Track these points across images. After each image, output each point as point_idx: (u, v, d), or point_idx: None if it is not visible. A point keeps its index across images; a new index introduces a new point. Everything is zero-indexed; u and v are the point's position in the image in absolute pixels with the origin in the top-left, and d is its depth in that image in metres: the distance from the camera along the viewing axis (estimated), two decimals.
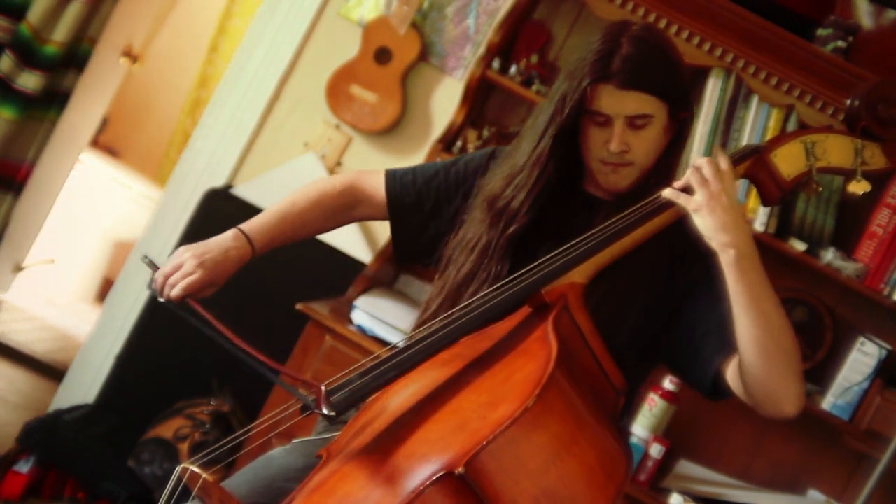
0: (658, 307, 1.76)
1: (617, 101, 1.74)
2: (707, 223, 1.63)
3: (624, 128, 1.75)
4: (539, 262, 1.68)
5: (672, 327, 1.78)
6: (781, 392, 1.65)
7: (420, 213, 1.94)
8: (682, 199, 1.66)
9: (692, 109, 1.84)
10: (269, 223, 1.89)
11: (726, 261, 1.62)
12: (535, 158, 1.80)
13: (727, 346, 1.69)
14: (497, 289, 1.68)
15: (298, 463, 1.78)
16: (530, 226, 1.80)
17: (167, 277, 1.81)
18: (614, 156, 1.76)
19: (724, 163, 1.66)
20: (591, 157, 1.80)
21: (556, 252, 1.69)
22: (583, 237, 1.70)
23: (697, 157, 1.69)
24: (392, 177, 1.98)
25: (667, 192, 1.67)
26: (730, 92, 2.95)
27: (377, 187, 1.97)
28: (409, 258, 2.05)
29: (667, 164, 1.83)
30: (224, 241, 1.84)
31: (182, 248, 1.82)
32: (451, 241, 1.87)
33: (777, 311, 1.65)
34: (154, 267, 1.84)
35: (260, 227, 1.88)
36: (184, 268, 1.80)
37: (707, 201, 1.63)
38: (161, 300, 1.80)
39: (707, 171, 1.64)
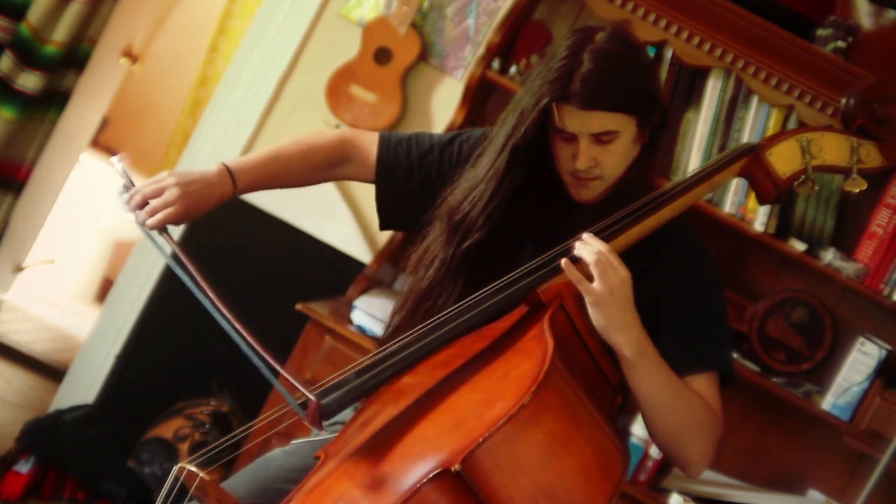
0: (643, 307, 1.75)
1: (579, 121, 1.70)
2: (604, 321, 1.61)
3: (589, 144, 1.72)
4: (533, 261, 1.68)
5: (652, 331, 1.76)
6: (679, 459, 1.74)
7: (408, 186, 1.92)
8: (583, 287, 1.60)
9: (664, 112, 1.79)
10: (255, 165, 1.86)
11: (622, 356, 1.64)
12: (493, 173, 1.78)
13: (683, 365, 1.71)
14: (493, 287, 1.68)
15: (297, 464, 1.78)
16: (493, 237, 1.78)
17: (145, 198, 1.74)
18: (582, 171, 1.74)
19: (613, 255, 1.62)
20: (561, 169, 1.78)
21: (550, 252, 1.69)
22: (575, 238, 1.70)
23: (590, 240, 1.63)
24: (386, 142, 1.95)
25: (567, 270, 1.61)
26: (730, 92, 2.95)
27: (369, 149, 1.95)
28: (391, 227, 2.02)
29: (643, 168, 1.79)
30: (209, 175, 1.79)
31: (166, 173, 1.77)
32: (415, 250, 1.86)
33: (674, 396, 1.68)
34: (129, 180, 1.76)
35: (245, 167, 1.84)
36: (165, 195, 1.73)
37: (607, 296, 1.59)
38: (135, 221, 1.74)
39: (606, 258, 1.60)
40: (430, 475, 1.38)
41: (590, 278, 1.60)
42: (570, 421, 1.48)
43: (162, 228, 1.73)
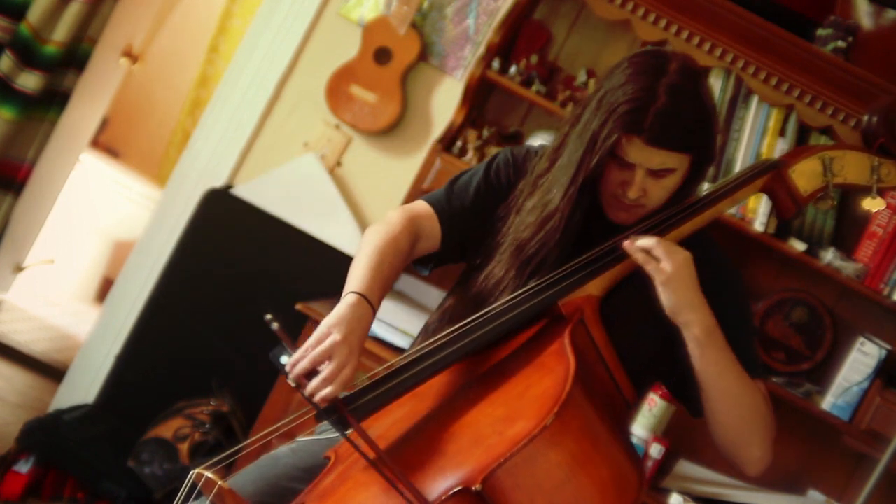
0: (662, 323, 1.74)
1: (643, 155, 1.69)
2: (673, 299, 1.62)
3: (645, 176, 1.71)
4: (554, 273, 1.68)
5: (670, 345, 1.75)
6: (742, 457, 1.73)
7: (474, 228, 1.87)
8: (651, 266, 1.62)
9: (715, 158, 1.80)
10: (374, 279, 1.71)
11: (690, 337, 1.64)
12: (566, 204, 1.74)
13: None
14: (513, 299, 1.67)
15: (303, 462, 1.78)
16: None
17: (315, 365, 1.54)
18: (630, 199, 1.73)
19: (668, 243, 1.65)
20: (606, 189, 1.76)
21: (571, 264, 1.69)
22: (597, 250, 1.71)
23: (641, 239, 1.65)
24: (440, 210, 1.86)
25: (632, 252, 1.63)
26: (730, 92, 2.95)
27: (430, 221, 1.86)
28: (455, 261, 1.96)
29: (681, 197, 1.79)
30: (356, 311, 1.62)
31: (326, 325, 1.58)
32: (477, 273, 1.81)
33: (740, 385, 1.68)
34: (287, 338, 1.55)
35: (371, 286, 1.68)
36: (337, 359, 1.53)
37: (676, 274, 1.61)
38: (302, 392, 1.52)
39: (664, 244, 1.64)
40: (451, 492, 1.39)
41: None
42: (589, 441, 1.48)
43: (336, 399, 1.53)
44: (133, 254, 3.59)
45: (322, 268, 3.33)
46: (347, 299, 1.64)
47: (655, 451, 2.91)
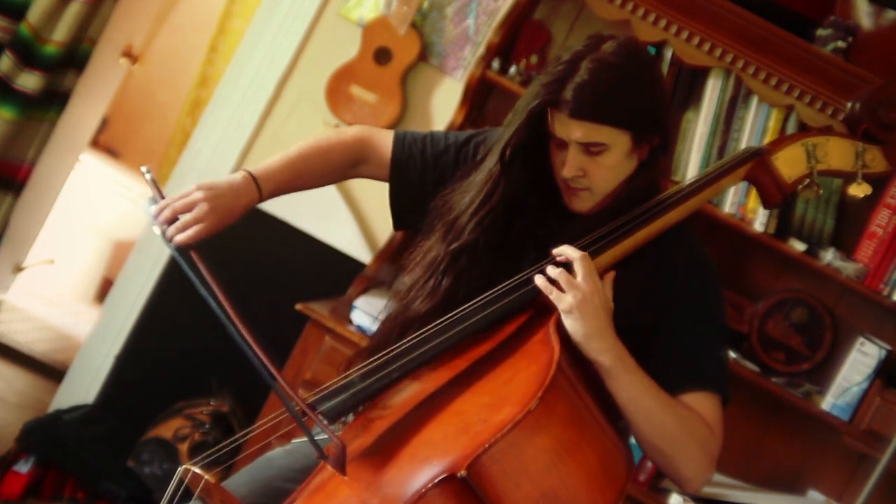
0: (643, 315, 1.73)
1: (567, 129, 1.69)
2: (578, 329, 1.57)
3: (578, 153, 1.70)
4: (540, 263, 1.67)
5: (646, 342, 1.73)
6: (672, 476, 1.67)
7: (422, 186, 1.91)
8: (553, 295, 1.59)
9: (665, 135, 1.76)
10: (279, 169, 1.85)
11: (599, 365, 1.59)
12: (488, 176, 1.76)
13: (680, 382, 1.68)
14: (498, 290, 1.67)
15: (298, 463, 1.78)
16: (485, 242, 1.76)
17: (175, 213, 1.72)
18: (569, 180, 1.73)
19: (588, 265, 1.61)
20: (556, 176, 1.77)
21: (546, 261, 1.68)
22: (585, 240, 1.69)
23: (566, 249, 1.63)
24: (401, 141, 1.94)
25: (540, 282, 1.61)
26: (729, 92, 2.95)
27: (385, 148, 1.94)
28: (404, 226, 2.01)
29: (641, 184, 1.76)
30: (236, 184, 1.78)
31: (195, 186, 1.74)
32: (414, 247, 1.84)
33: (659, 408, 1.62)
34: (158, 190, 1.74)
35: (269, 172, 1.83)
36: (196, 211, 1.72)
37: (579, 304, 1.57)
38: (162, 236, 1.71)
39: (580, 269, 1.59)
40: (436, 480, 1.38)
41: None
42: (576, 427, 1.48)
43: (189, 245, 1.70)
44: (133, 254, 3.59)
45: (322, 268, 3.34)
46: (235, 174, 1.80)
47: None
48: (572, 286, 1.58)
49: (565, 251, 1.62)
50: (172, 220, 1.71)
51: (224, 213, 1.75)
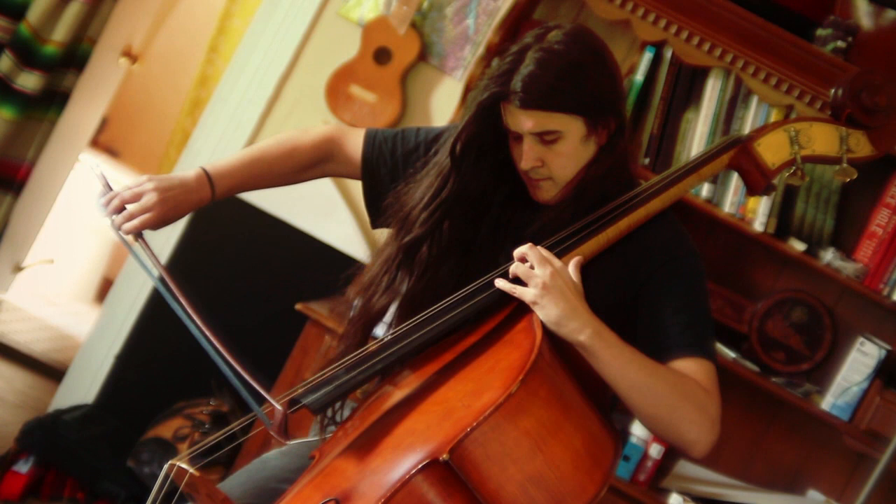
0: (626, 290, 1.73)
1: (518, 120, 1.69)
2: (549, 315, 1.55)
3: (533, 144, 1.70)
4: (504, 266, 1.66)
5: (632, 317, 1.73)
6: (678, 443, 1.64)
7: (394, 184, 1.89)
8: (518, 293, 1.58)
9: (622, 118, 1.75)
10: (236, 169, 1.85)
11: (578, 344, 1.57)
12: (437, 170, 1.77)
13: (668, 350, 1.66)
14: (474, 287, 1.67)
15: (293, 464, 1.79)
16: (470, 236, 1.76)
17: (123, 203, 1.75)
18: (529, 171, 1.72)
19: (540, 251, 1.60)
20: (518, 169, 1.76)
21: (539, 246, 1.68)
22: (567, 231, 1.69)
23: (518, 249, 1.61)
24: (371, 140, 1.93)
25: (500, 284, 1.60)
26: (729, 92, 2.95)
27: (354, 147, 1.93)
28: (381, 225, 1.98)
29: (601, 169, 1.74)
30: (187, 181, 1.79)
31: (145, 177, 1.78)
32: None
33: (648, 375, 1.59)
34: (107, 184, 1.78)
35: (225, 171, 1.84)
36: (143, 200, 1.75)
37: (542, 291, 1.55)
38: (112, 225, 1.76)
39: (532, 258, 1.58)
40: (419, 465, 1.39)
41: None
42: (559, 409, 1.48)
43: (138, 234, 1.75)
44: (132, 254, 3.58)
45: (322, 268, 3.33)
46: (190, 170, 1.81)
47: (655, 451, 2.91)
48: (529, 276, 1.57)
49: (517, 250, 1.62)
50: (120, 210, 1.75)
51: (172, 205, 1.77)
